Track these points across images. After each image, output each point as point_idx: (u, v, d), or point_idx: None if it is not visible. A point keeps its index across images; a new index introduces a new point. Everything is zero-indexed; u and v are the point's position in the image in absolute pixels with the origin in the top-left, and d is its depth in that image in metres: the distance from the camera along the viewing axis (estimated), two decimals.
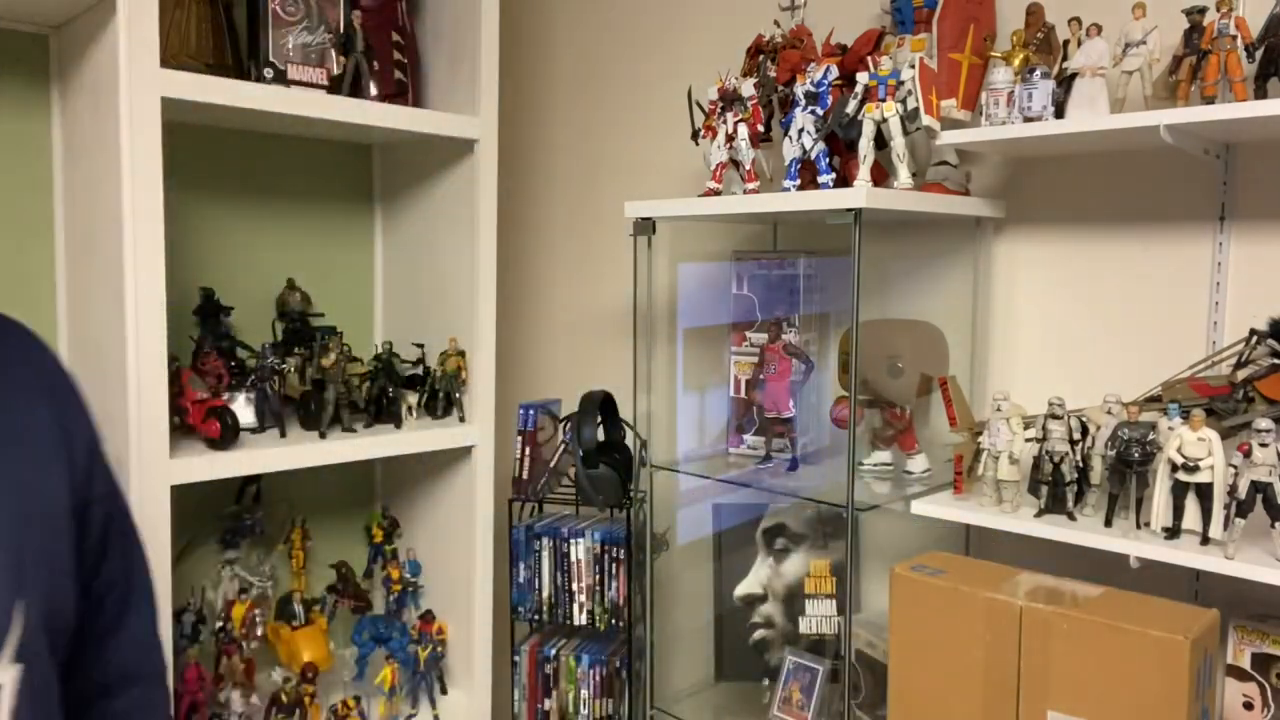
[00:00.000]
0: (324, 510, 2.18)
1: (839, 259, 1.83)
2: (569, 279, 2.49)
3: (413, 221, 2.12)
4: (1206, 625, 1.23)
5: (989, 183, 1.74)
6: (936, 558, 1.51)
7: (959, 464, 1.54)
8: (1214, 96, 1.33)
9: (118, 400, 1.49)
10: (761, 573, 1.88)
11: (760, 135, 1.70)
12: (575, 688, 1.97)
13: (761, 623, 1.88)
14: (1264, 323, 1.38)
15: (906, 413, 1.73)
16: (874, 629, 1.74)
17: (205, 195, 1.94)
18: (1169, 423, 1.34)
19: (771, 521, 1.89)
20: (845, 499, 1.54)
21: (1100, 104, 1.40)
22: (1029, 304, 1.72)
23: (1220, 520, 1.28)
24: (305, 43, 1.73)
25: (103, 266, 1.54)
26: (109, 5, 1.44)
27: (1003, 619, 1.31)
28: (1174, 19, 1.39)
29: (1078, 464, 1.43)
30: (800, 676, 1.79)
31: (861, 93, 1.55)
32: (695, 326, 2.18)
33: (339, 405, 1.80)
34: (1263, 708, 1.38)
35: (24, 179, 1.69)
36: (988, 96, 1.50)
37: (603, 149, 2.39)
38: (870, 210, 1.47)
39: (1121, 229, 1.61)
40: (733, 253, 1.95)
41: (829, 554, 1.82)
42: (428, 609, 2.03)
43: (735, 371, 1.90)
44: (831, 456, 1.84)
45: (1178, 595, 1.45)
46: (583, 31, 2.42)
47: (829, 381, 1.92)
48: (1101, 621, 1.24)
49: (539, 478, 1.98)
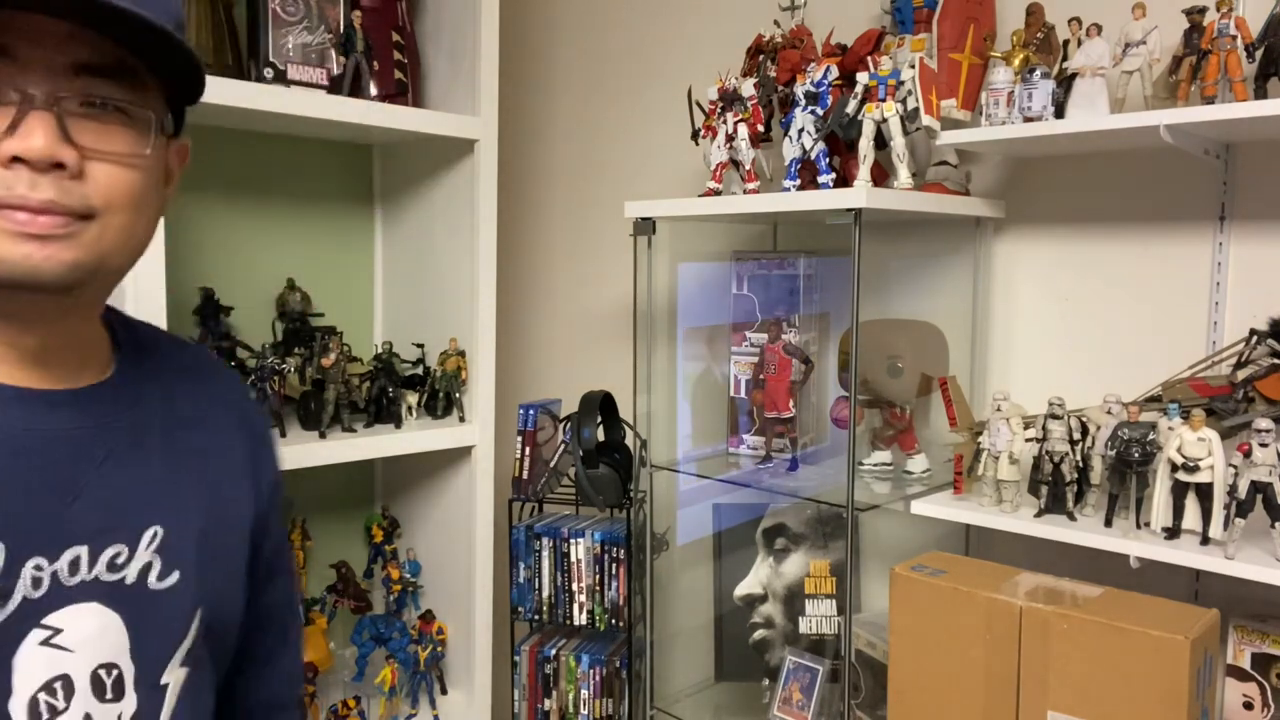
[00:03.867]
0: (324, 510, 2.18)
1: (839, 259, 1.83)
2: (569, 279, 2.49)
3: (413, 221, 2.12)
4: (1206, 625, 1.23)
5: (989, 183, 1.74)
6: (936, 558, 1.51)
7: (959, 464, 1.54)
8: (1214, 96, 1.33)
9: None
10: (761, 573, 1.88)
11: (760, 135, 1.70)
12: (575, 688, 1.97)
13: (761, 623, 1.88)
14: (1264, 323, 1.38)
15: (906, 413, 1.73)
16: (874, 629, 1.74)
17: (205, 195, 1.94)
18: (1169, 423, 1.34)
19: (771, 521, 1.89)
20: (845, 499, 1.54)
21: (1100, 104, 1.40)
22: (1029, 304, 1.72)
23: (1220, 520, 1.28)
24: (305, 43, 1.73)
25: None
26: None
27: (1003, 619, 1.31)
28: (1174, 19, 1.39)
29: (1078, 464, 1.43)
30: (800, 676, 1.79)
31: (861, 93, 1.55)
32: (695, 326, 2.18)
33: (339, 405, 1.80)
34: (1263, 708, 1.38)
35: None
36: (988, 96, 1.50)
37: (603, 149, 2.39)
38: (870, 210, 1.47)
39: (1121, 229, 1.61)
40: (733, 253, 1.95)
41: (829, 554, 1.82)
42: (428, 609, 2.03)
43: (735, 371, 1.90)
44: (831, 456, 1.85)
45: (1178, 595, 1.45)
46: (583, 31, 2.42)
47: (829, 381, 1.92)
48: (1101, 621, 1.24)
49: (539, 478, 1.98)
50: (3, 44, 0.65)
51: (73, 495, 0.73)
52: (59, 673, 0.71)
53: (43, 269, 0.67)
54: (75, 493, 0.73)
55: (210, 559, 0.82)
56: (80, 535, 0.73)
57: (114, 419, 0.78)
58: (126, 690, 0.75)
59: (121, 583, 0.75)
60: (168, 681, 0.78)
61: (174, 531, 0.79)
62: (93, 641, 0.73)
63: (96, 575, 0.74)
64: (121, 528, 0.76)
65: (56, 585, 0.71)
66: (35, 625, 0.70)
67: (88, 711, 0.73)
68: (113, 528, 0.75)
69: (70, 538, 0.72)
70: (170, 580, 0.78)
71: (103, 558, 0.74)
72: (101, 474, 0.75)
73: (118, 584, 0.75)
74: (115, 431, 0.77)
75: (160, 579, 0.77)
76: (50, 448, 0.73)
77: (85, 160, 0.67)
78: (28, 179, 0.65)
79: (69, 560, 0.72)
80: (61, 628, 0.71)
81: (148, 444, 0.80)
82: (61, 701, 0.71)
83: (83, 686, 0.73)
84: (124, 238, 0.71)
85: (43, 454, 0.72)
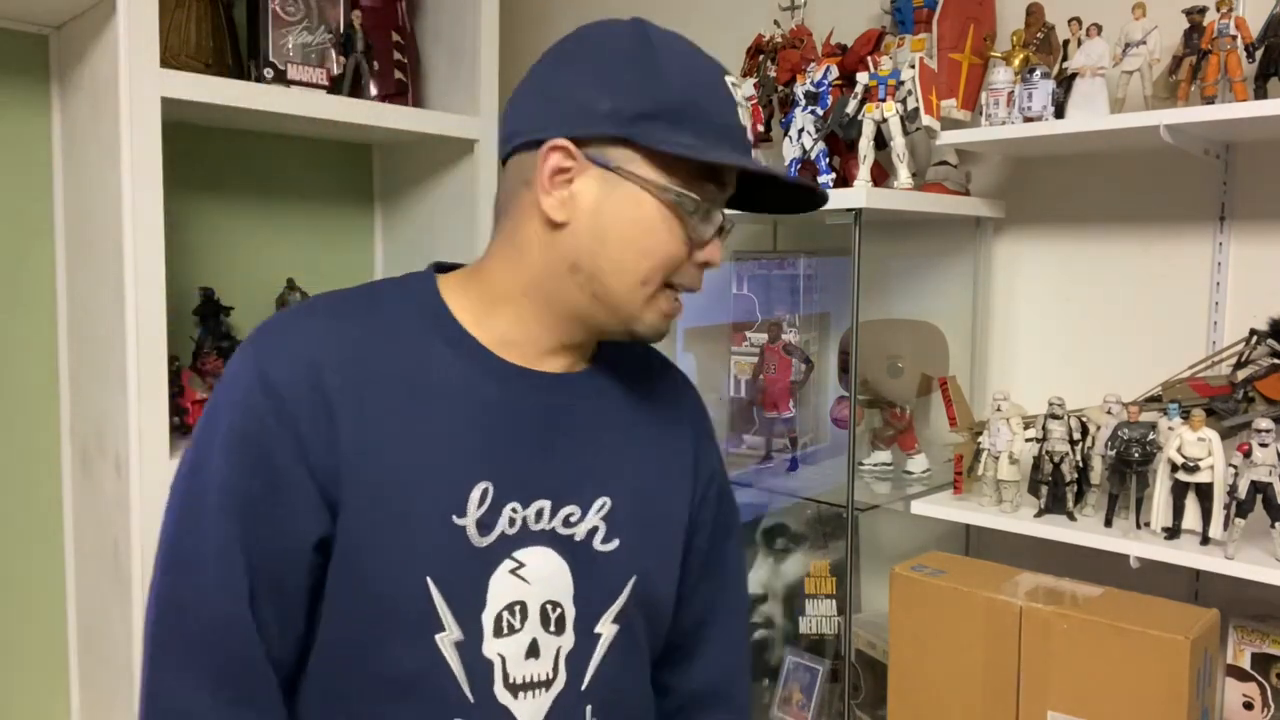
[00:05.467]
0: None
1: (839, 259, 1.83)
2: None
3: (413, 221, 2.12)
4: (1206, 625, 1.23)
5: (989, 183, 1.74)
6: (936, 558, 1.51)
7: (959, 464, 1.54)
8: (1214, 96, 1.33)
9: (118, 400, 1.49)
10: (761, 573, 1.88)
11: (760, 135, 1.70)
12: None
13: (761, 623, 1.88)
14: (1264, 323, 1.38)
15: (906, 413, 1.73)
16: (874, 629, 1.74)
17: (205, 195, 1.94)
18: (1169, 423, 1.34)
19: (771, 521, 1.89)
20: (845, 499, 1.54)
21: (1100, 104, 1.40)
22: (1029, 304, 1.72)
23: (1220, 520, 1.28)
24: (305, 43, 1.73)
25: (103, 266, 1.54)
26: (109, 5, 1.44)
27: (1003, 619, 1.31)
28: (1174, 19, 1.39)
29: (1078, 464, 1.43)
30: (800, 676, 1.79)
31: (861, 93, 1.55)
32: (695, 326, 2.18)
33: None
34: (1263, 708, 1.38)
35: (24, 179, 1.69)
36: (988, 96, 1.50)
37: None
38: (870, 210, 1.47)
39: (1121, 229, 1.61)
40: (733, 253, 1.95)
41: (829, 554, 1.82)
42: None
43: (735, 371, 1.90)
44: (831, 456, 1.84)
45: (1178, 595, 1.45)
46: None
47: (829, 381, 1.92)
48: (1101, 621, 1.24)
49: None
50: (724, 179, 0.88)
51: (545, 456, 0.88)
52: (518, 599, 0.85)
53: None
54: (547, 454, 0.88)
55: (646, 537, 0.93)
56: (546, 490, 0.87)
57: (585, 400, 0.92)
58: (567, 628, 0.87)
59: (572, 538, 0.88)
60: (600, 632, 0.90)
61: (620, 505, 0.91)
62: (546, 579, 0.86)
63: (554, 527, 0.87)
64: (578, 492, 0.89)
65: (524, 528, 0.85)
66: (507, 556, 0.84)
67: (534, 637, 0.85)
68: (572, 490, 0.89)
69: (540, 491, 0.87)
70: (611, 545, 0.90)
71: (561, 513, 0.88)
72: (570, 443, 0.90)
73: (569, 538, 0.88)
74: (585, 412, 0.92)
75: (604, 542, 0.90)
76: (537, 414, 0.88)
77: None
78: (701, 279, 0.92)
79: (535, 509, 0.86)
80: (525, 562, 0.85)
81: (609, 426, 0.94)
82: (518, 622, 0.85)
83: (534, 614, 0.86)
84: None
85: (530, 419, 0.88)
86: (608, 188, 0.84)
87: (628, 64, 0.83)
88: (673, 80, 0.83)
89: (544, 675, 0.86)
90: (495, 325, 0.89)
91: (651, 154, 0.83)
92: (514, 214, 0.88)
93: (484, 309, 0.89)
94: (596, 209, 0.84)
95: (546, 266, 0.86)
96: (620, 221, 0.84)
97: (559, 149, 0.83)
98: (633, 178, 0.83)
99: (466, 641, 0.83)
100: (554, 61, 0.88)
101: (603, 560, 0.89)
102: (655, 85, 0.83)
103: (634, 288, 0.86)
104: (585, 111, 0.83)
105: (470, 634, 0.83)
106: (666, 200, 0.84)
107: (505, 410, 0.87)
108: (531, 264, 0.87)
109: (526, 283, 0.88)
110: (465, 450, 0.84)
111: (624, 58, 0.84)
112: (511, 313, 0.89)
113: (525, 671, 0.85)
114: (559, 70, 0.87)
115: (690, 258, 0.88)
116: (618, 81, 0.83)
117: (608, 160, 0.83)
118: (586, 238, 0.85)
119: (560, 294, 0.87)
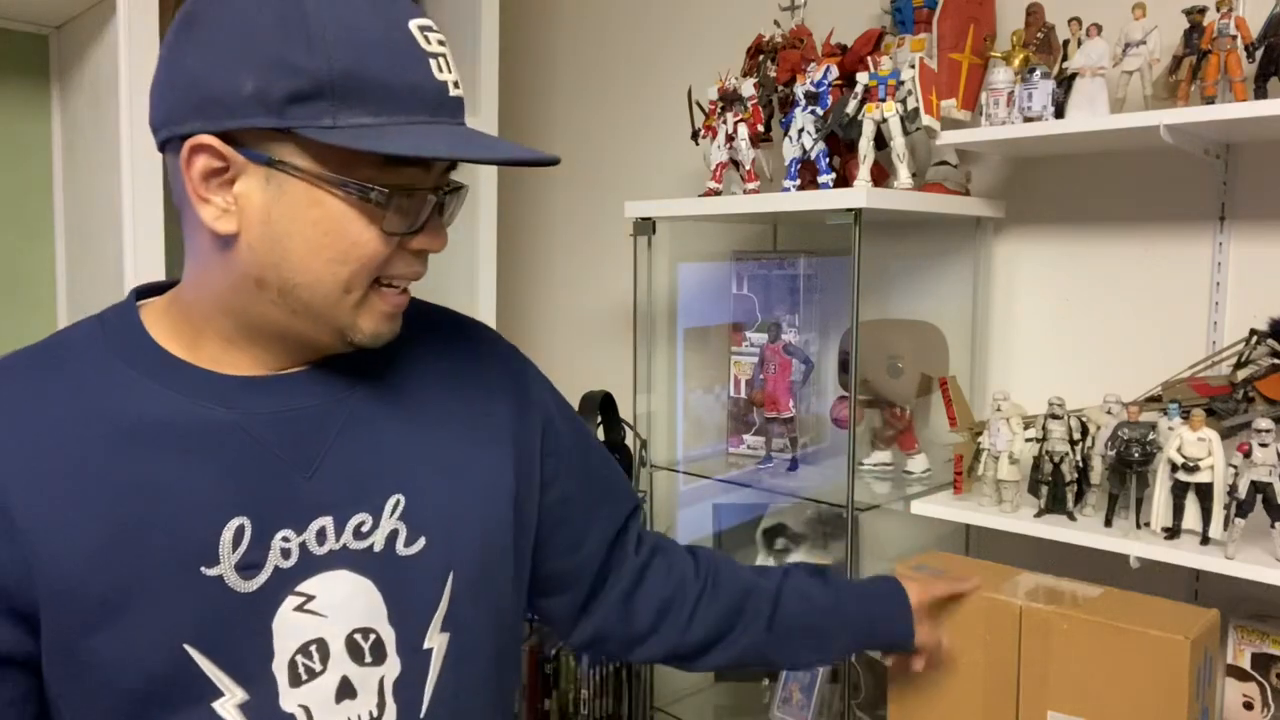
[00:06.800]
0: None
1: (839, 259, 1.83)
2: (569, 279, 2.49)
3: None
4: (1206, 625, 1.23)
5: (989, 183, 1.74)
6: (936, 558, 1.51)
7: (959, 464, 1.54)
8: (1214, 96, 1.33)
9: None
10: None
11: (760, 135, 1.70)
12: (575, 688, 1.97)
13: None
14: (1264, 323, 1.38)
15: (906, 413, 1.73)
16: None
17: None
18: (1169, 423, 1.34)
19: (771, 521, 1.89)
20: (845, 499, 1.54)
21: (1100, 104, 1.40)
22: (1029, 304, 1.72)
23: (1220, 520, 1.28)
24: None
25: (103, 266, 1.54)
26: (109, 5, 1.44)
27: (1003, 619, 1.31)
28: (1174, 19, 1.39)
29: (1078, 464, 1.43)
30: (800, 676, 1.79)
31: (861, 93, 1.55)
32: (695, 326, 2.18)
33: None
34: (1263, 708, 1.38)
35: (24, 179, 1.69)
36: (988, 96, 1.50)
37: (603, 149, 2.39)
38: (870, 210, 1.47)
39: (1121, 229, 1.61)
40: (733, 253, 1.95)
41: (829, 554, 1.82)
42: None
43: (735, 371, 1.90)
44: (831, 456, 1.84)
45: (1178, 595, 1.45)
46: (583, 31, 2.42)
47: (829, 381, 1.92)
48: (1101, 621, 1.24)
49: None
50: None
51: (311, 468, 0.76)
52: (314, 636, 0.75)
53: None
54: (313, 466, 0.76)
55: (459, 523, 0.83)
56: (322, 506, 0.76)
57: (346, 392, 0.80)
58: (389, 654, 0.78)
59: (369, 550, 0.77)
60: (431, 646, 0.80)
61: (418, 498, 0.80)
62: (344, 606, 0.76)
63: (344, 544, 0.77)
64: (363, 497, 0.78)
65: (306, 555, 0.75)
66: (289, 592, 0.74)
67: (345, 674, 0.76)
68: (354, 497, 0.78)
69: (314, 509, 0.76)
70: (416, 546, 0.80)
71: (348, 526, 0.77)
72: (343, 444, 0.78)
73: (365, 551, 0.77)
74: (348, 404, 0.80)
75: (407, 545, 0.79)
76: (284, 426, 0.76)
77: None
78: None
79: (316, 530, 0.76)
80: (314, 594, 0.75)
81: (385, 413, 0.82)
82: (318, 664, 0.75)
83: (338, 650, 0.76)
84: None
85: (277, 432, 0.76)
86: (276, 188, 0.69)
87: (272, 31, 0.66)
88: (332, 45, 0.66)
89: (367, 713, 0.76)
90: (207, 347, 0.76)
91: (317, 143, 0.67)
92: (186, 225, 0.75)
93: (192, 333, 0.77)
94: (266, 215, 0.70)
95: (231, 285, 0.73)
96: (299, 225, 0.70)
97: (203, 149, 0.68)
98: (301, 174, 0.68)
99: (254, 701, 0.72)
100: (184, 33, 0.69)
101: (411, 565, 0.79)
102: (308, 54, 0.65)
103: (336, 297, 0.73)
104: (227, 98, 0.66)
105: (259, 692, 0.72)
106: (349, 196, 0.69)
107: (241, 430, 0.74)
108: (215, 282, 0.74)
109: (220, 303, 0.75)
110: (201, 490, 0.72)
111: (266, 24, 0.66)
112: (216, 335, 0.76)
113: (340, 717, 0.75)
114: (188, 46, 0.69)
115: (402, 247, 0.75)
116: (260, 55, 0.66)
117: (268, 155, 0.68)
118: (263, 250, 0.70)
119: (257, 311, 0.74)
